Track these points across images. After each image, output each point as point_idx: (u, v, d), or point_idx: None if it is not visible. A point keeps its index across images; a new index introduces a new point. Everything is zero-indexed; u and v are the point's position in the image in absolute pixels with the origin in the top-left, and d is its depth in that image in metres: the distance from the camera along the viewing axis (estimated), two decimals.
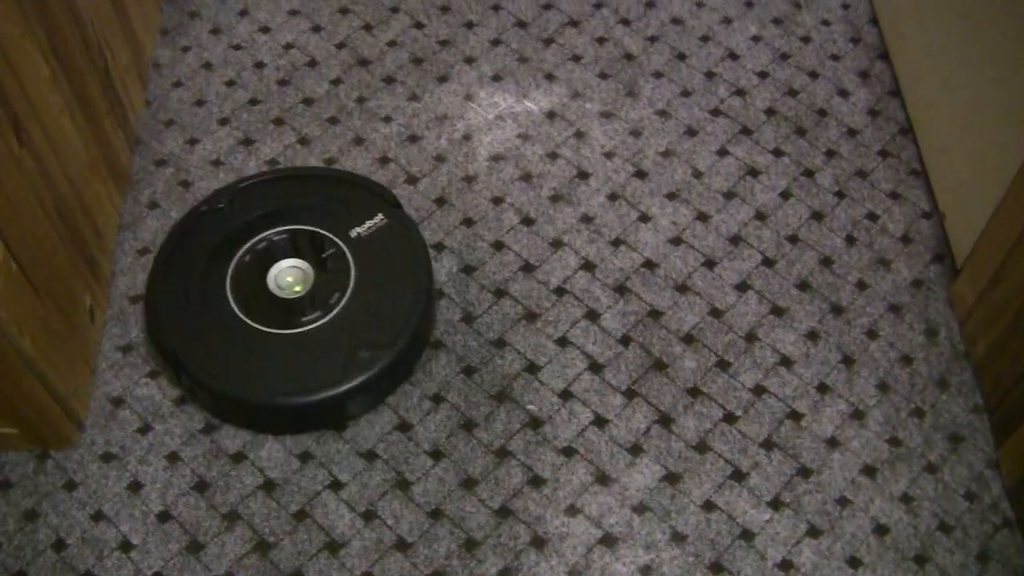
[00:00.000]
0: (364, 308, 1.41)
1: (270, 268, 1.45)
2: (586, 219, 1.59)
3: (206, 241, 1.47)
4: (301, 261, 1.46)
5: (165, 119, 1.70)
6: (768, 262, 1.55)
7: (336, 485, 1.38)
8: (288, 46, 1.79)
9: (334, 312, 1.41)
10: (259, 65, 1.76)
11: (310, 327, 1.40)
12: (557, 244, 1.56)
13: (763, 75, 1.75)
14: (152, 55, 1.77)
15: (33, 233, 1.28)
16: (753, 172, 1.64)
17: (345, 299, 1.42)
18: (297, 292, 1.44)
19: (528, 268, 1.54)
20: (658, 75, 1.74)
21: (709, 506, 1.37)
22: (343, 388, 1.36)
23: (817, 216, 1.60)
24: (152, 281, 1.46)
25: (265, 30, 1.81)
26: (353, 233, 1.47)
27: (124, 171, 1.62)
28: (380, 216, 1.48)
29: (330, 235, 1.47)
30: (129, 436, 1.42)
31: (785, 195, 1.62)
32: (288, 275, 1.45)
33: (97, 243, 1.50)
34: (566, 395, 1.44)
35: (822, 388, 1.45)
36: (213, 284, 1.43)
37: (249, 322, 1.41)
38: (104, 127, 1.54)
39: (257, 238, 1.47)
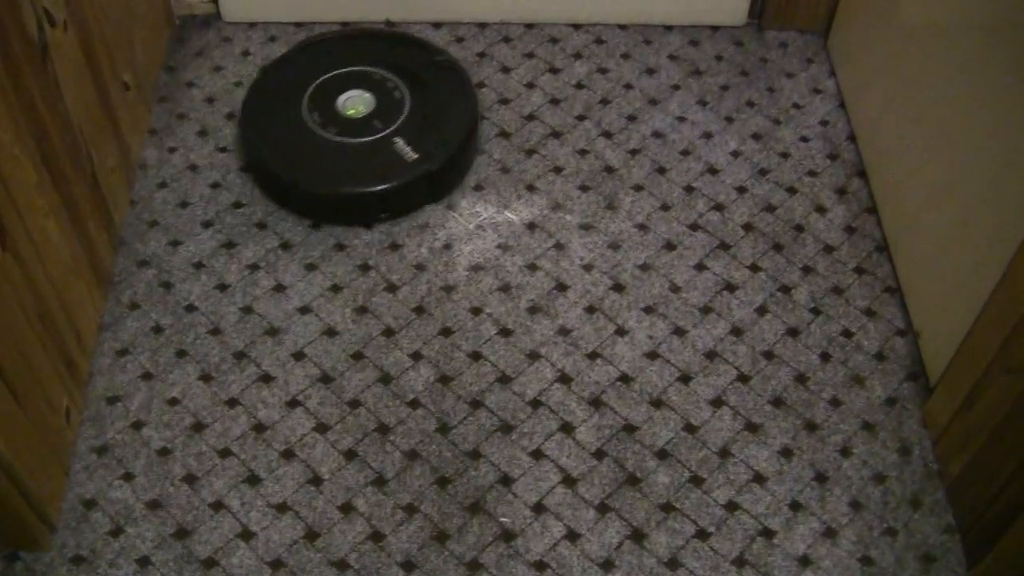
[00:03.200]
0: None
1: (343, 93, 1.80)
2: (563, 331, 1.60)
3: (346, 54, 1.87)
4: (368, 92, 1.80)
5: (149, 220, 1.72)
6: (743, 378, 1.56)
7: None
8: None
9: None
10: (244, 169, 1.79)
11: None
12: (534, 356, 1.58)
13: (742, 190, 1.77)
14: (139, 156, 1.79)
15: (14, 336, 1.29)
16: (730, 287, 1.66)
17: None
18: (353, 115, 1.77)
19: (505, 380, 1.55)
20: (638, 188, 1.77)
21: None
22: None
23: (793, 332, 1.61)
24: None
25: None
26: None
27: (106, 272, 1.63)
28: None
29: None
30: (100, 539, 1.41)
31: (761, 311, 1.63)
32: (356, 101, 1.79)
33: (77, 345, 1.50)
34: (539, 508, 1.44)
35: (795, 505, 1.45)
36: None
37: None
38: (88, 229, 1.55)
39: (349, 68, 1.84)
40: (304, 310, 1.62)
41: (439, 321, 1.61)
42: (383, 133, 1.74)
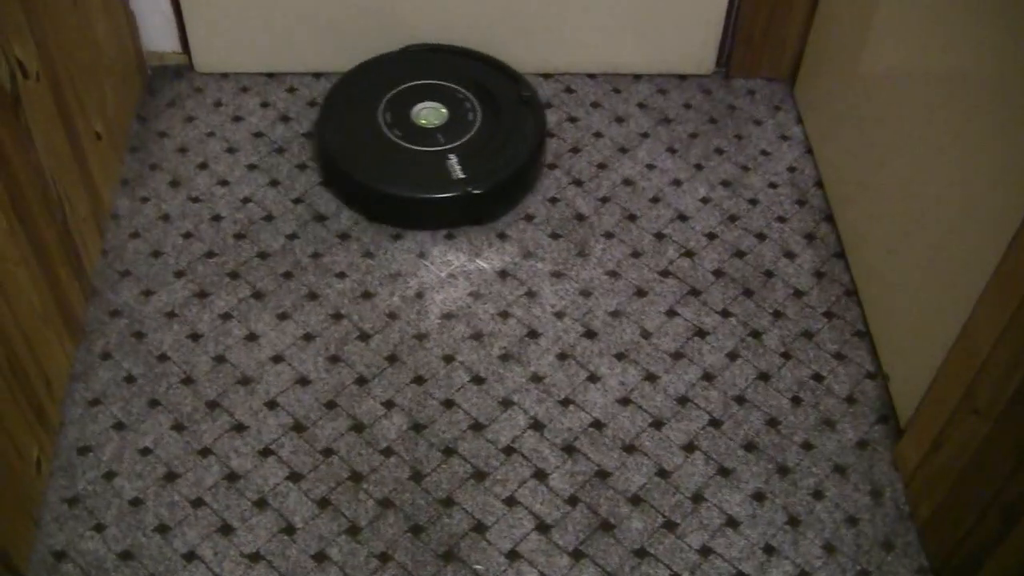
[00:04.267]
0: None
1: (421, 102, 1.88)
2: (536, 379, 1.61)
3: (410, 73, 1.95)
4: (444, 108, 1.88)
5: (121, 270, 1.72)
6: (715, 423, 1.57)
7: None
8: (246, 200, 1.82)
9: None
10: (216, 218, 1.79)
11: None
12: (507, 403, 1.58)
13: (711, 236, 1.79)
14: (111, 205, 1.79)
15: None
16: (701, 333, 1.67)
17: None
18: (423, 125, 1.85)
19: (477, 427, 1.55)
20: (609, 235, 1.78)
21: None
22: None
23: (763, 377, 1.62)
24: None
25: (224, 183, 1.84)
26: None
27: (78, 321, 1.63)
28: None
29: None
30: None
31: (732, 356, 1.64)
32: (430, 113, 1.87)
33: (47, 394, 1.50)
34: (513, 555, 1.44)
35: (768, 549, 1.45)
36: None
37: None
38: (59, 278, 1.55)
39: (437, 81, 1.93)
40: (277, 359, 1.62)
41: (412, 369, 1.61)
42: (442, 147, 1.81)
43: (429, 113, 1.87)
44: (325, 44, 1.99)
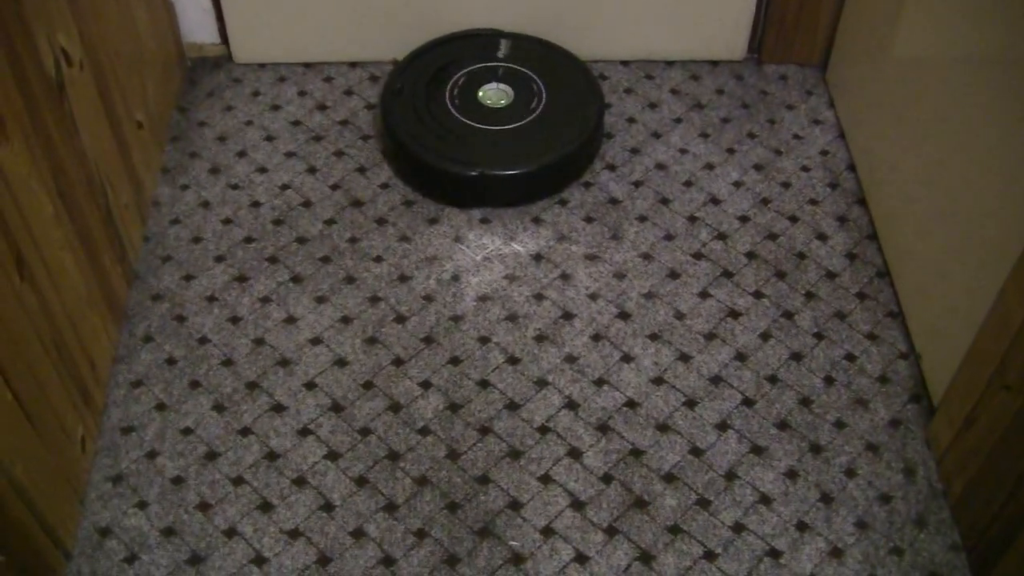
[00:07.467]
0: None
1: (487, 84, 1.93)
2: (570, 359, 1.63)
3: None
4: (511, 89, 1.92)
5: (163, 255, 1.75)
6: (748, 402, 1.58)
7: None
8: (284, 187, 1.85)
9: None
10: (255, 204, 1.82)
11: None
12: (541, 383, 1.60)
13: (744, 219, 1.80)
14: (152, 193, 1.83)
15: (30, 364, 1.32)
16: (734, 314, 1.68)
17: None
18: (491, 104, 1.90)
19: (513, 406, 1.57)
20: (642, 219, 1.80)
21: None
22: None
23: (796, 357, 1.63)
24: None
25: (262, 171, 1.87)
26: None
27: (121, 305, 1.66)
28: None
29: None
30: (115, 566, 1.43)
31: (765, 336, 1.66)
32: (497, 94, 1.92)
33: (92, 375, 1.53)
34: (548, 531, 1.46)
35: (801, 526, 1.47)
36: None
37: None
38: (103, 262, 1.58)
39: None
40: (315, 341, 1.65)
41: (448, 350, 1.64)
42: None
43: (494, 95, 1.91)
44: (360, 34, 2.01)
